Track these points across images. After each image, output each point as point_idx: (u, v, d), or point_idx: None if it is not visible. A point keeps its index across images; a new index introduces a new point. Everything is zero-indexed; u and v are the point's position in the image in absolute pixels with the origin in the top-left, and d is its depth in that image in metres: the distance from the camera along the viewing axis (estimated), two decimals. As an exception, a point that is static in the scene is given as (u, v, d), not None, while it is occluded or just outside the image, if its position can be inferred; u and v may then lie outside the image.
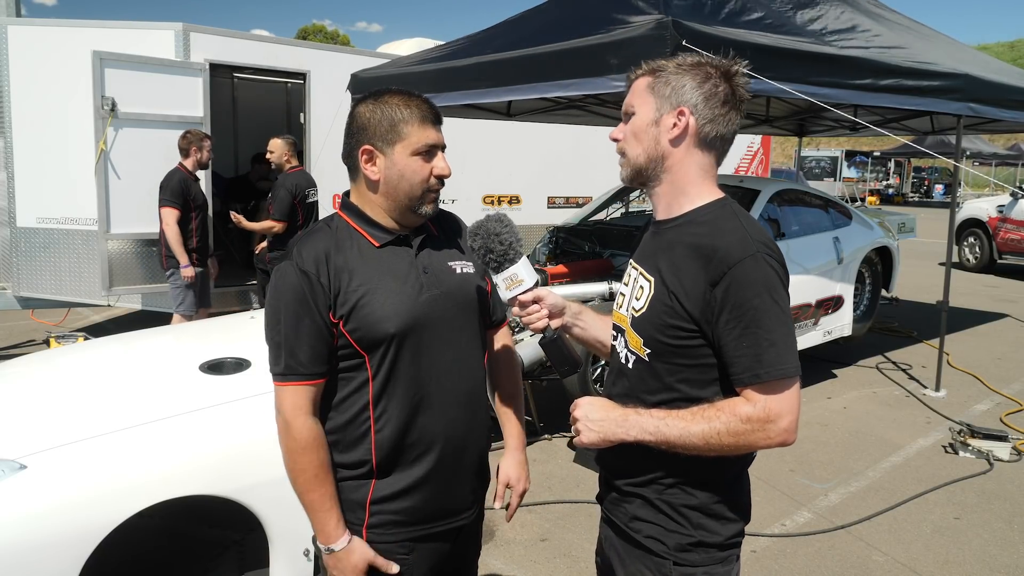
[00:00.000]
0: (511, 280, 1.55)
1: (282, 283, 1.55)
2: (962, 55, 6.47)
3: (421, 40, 9.64)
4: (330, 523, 1.56)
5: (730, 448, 1.37)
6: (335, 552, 1.57)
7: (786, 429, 1.36)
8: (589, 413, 1.47)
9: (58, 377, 2.90)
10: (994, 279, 11.69)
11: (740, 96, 1.47)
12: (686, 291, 1.40)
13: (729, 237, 1.39)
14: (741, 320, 1.35)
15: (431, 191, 1.60)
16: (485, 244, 1.54)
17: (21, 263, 6.45)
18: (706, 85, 1.44)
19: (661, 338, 1.44)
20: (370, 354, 1.56)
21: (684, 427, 1.38)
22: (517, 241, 1.55)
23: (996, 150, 30.28)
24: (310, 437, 1.54)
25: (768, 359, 1.34)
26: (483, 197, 8.51)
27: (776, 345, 1.34)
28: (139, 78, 6.05)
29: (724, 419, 1.36)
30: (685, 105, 1.44)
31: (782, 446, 1.39)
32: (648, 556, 1.50)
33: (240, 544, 2.62)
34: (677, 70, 1.46)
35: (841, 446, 4.79)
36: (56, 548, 2.01)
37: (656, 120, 1.46)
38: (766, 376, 1.35)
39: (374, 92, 1.62)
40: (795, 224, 6.06)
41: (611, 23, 4.37)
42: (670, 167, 1.48)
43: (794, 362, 1.37)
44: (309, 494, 1.55)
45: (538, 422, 4.87)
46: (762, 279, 1.36)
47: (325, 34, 51.12)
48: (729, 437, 1.36)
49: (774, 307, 1.35)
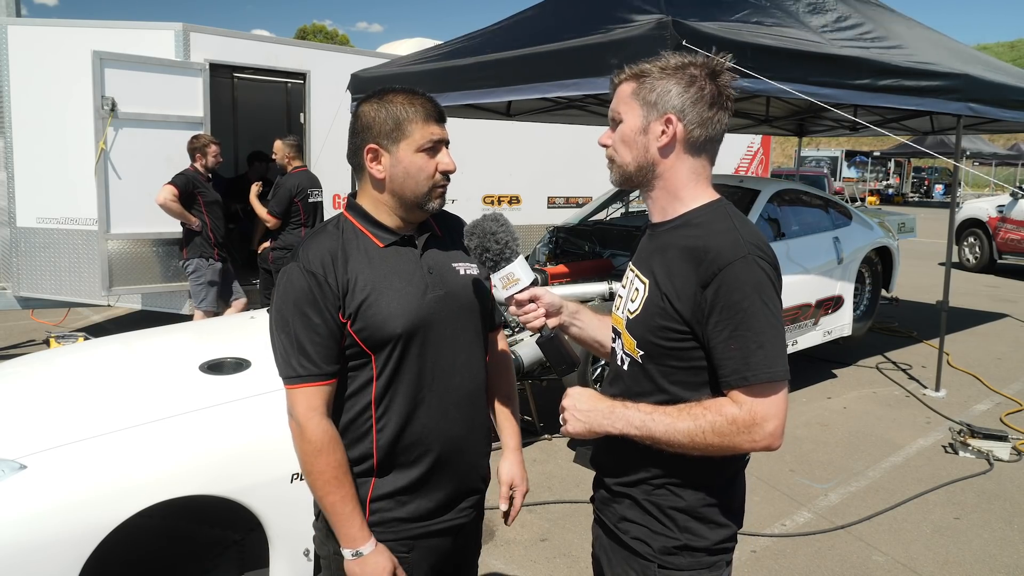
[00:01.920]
0: (507, 279, 1.55)
1: (289, 285, 1.54)
2: (962, 55, 6.47)
3: (421, 40, 9.64)
4: (354, 525, 1.54)
5: (715, 448, 1.36)
6: (363, 556, 1.54)
7: (771, 433, 1.34)
8: (577, 403, 1.47)
9: (58, 377, 2.90)
10: (994, 279, 11.68)
11: (727, 95, 1.45)
12: (677, 292, 1.39)
13: (721, 238, 1.38)
14: (730, 322, 1.34)
15: (437, 187, 1.61)
16: (481, 243, 1.54)
17: (21, 263, 6.45)
18: (692, 89, 1.42)
19: (653, 340, 1.44)
20: (376, 354, 1.56)
21: (670, 423, 1.37)
22: (513, 240, 1.54)
23: (996, 150, 30.26)
24: (325, 438, 1.53)
25: (755, 362, 1.33)
26: (483, 197, 8.51)
27: (764, 348, 1.33)
28: (139, 78, 6.05)
29: (710, 418, 1.35)
30: (672, 112, 1.42)
31: (767, 450, 1.37)
32: (633, 558, 1.50)
33: (240, 544, 2.62)
34: (662, 75, 1.43)
35: (841, 446, 4.79)
36: (56, 548, 2.01)
37: (644, 128, 1.45)
38: (753, 379, 1.33)
39: (378, 91, 1.62)
40: (795, 224, 6.06)
41: (611, 22, 4.37)
42: (661, 173, 1.47)
43: (782, 366, 1.35)
44: (329, 496, 1.53)
45: (538, 422, 4.87)
46: (752, 281, 1.35)
47: (325, 34, 51.09)
48: (714, 436, 1.34)
49: (763, 310, 1.34)
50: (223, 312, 5.91)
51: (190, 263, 5.73)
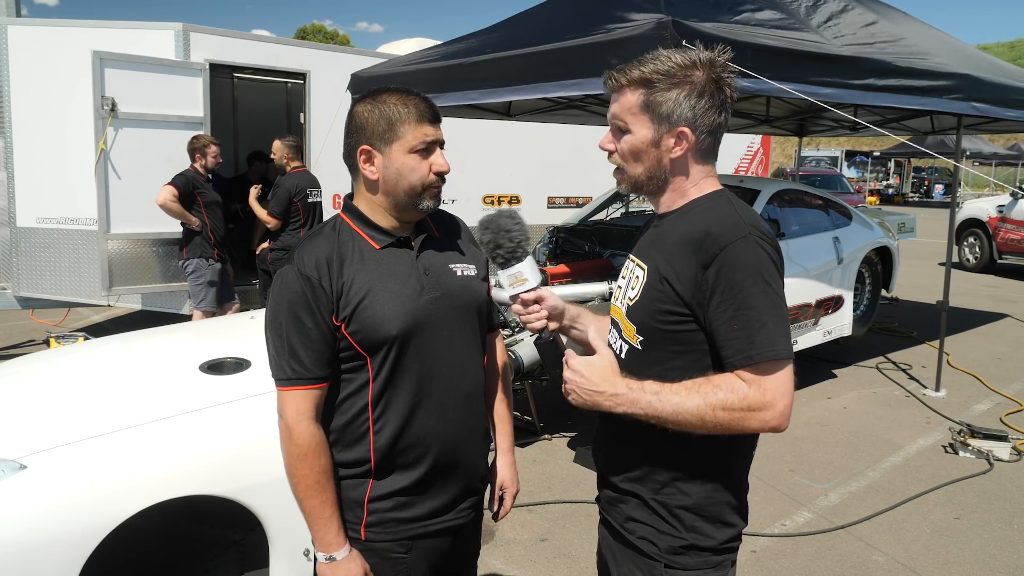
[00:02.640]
0: (515, 278, 1.54)
1: (284, 288, 1.55)
2: (963, 54, 6.46)
3: (421, 40, 9.64)
4: (331, 531, 1.55)
5: (724, 427, 1.33)
6: (337, 561, 1.56)
7: (781, 413, 1.32)
8: (581, 376, 1.43)
9: (58, 377, 2.89)
10: (994, 279, 11.68)
11: (731, 97, 1.46)
12: (678, 275, 1.39)
13: (721, 221, 1.38)
14: (732, 301, 1.33)
15: (431, 187, 1.60)
16: (495, 239, 1.53)
17: (21, 263, 6.45)
18: (702, 100, 1.42)
19: (654, 324, 1.43)
20: (372, 356, 1.56)
21: (679, 402, 1.34)
22: (526, 239, 1.54)
23: (996, 150, 30.26)
24: (312, 443, 1.53)
25: (760, 340, 1.31)
26: (483, 197, 8.51)
27: (767, 326, 1.32)
28: (139, 78, 6.05)
29: (721, 396, 1.32)
30: (685, 125, 1.42)
31: (775, 431, 1.35)
32: (640, 557, 1.49)
33: (240, 544, 2.62)
34: (668, 84, 1.42)
35: (841, 446, 4.79)
36: (56, 548, 2.01)
37: (655, 141, 1.45)
38: (759, 357, 1.31)
39: (372, 91, 1.62)
40: (795, 224, 6.06)
41: (611, 22, 4.37)
42: (672, 180, 1.48)
43: (786, 344, 1.33)
44: (309, 500, 1.54)
45: (538, 422, 4.87)
46: (754, 261, 1.34)
47: (325, 34, 51.08)
48: (725, 414, 1.31)
49: (766, 289, 1.33)
50: (220, 314, 5.89)
51: (190, 263, 5.73)
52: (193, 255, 5.71)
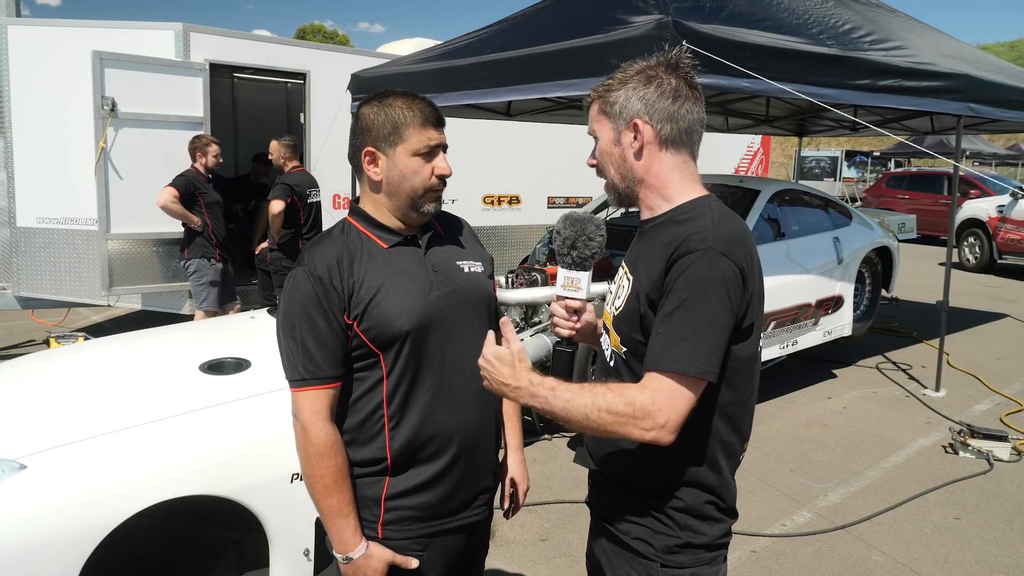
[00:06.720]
0: (572, 282, 1.56)
1: (295, 289, 1.56)
2: (962, 54, 6.46)
3: (421, 40, 9.65)
4: (347, 531, 1.57)
5: (606, 429, 1.34)
6: (353, 560, 1.57)
7: (662, 426, 1.31)
8: (494, 368, 1.44)
9: (58, 377, 2.90)
10: (994, 279, 11.68)
11: (692, 84, 1.46)
12: (653, 284, 1.41)
13: (693, 234, 1.39)
14: (669, 307, 1.35)
15: (433, 190, 1.63)
16: (574, 239, 1.52)
17: (21, 263, 6.45)
18: (650, 89, 1.44)
19: (634, 336, 1.45)
20: (384, 352, 1.57)
21: (570, 399, 1.36)
22: (600, 253, 1.55)
23: (996, 150, 30.25)
24: (328, 443, 1.55)
25: (674, 351, 1.32)
26: (483, 197, 8.51)
27: (687, 340, 1.32)
28: (139, 78, 6.05)
29: (610, 398, 1.33)
30: (636, 117, 1.45)
31: (654, 443, 1.33)
32: (636, 558, 1.50)
33: (240, 544, 2.62)
34: (620, 85, 1.46)
35: (841, 446, 4.79)
36: (56, 548, 2.01)
37: (616, 140, 1.48)
38: (665, 367, 1.32)
39: (378, 94, 1.65)
40: (795, 224, 6.05)
41: (611, 23, 4.37)
42: (643, 178, 1.49)
43: (701, 363, 1.31)
44: (327, 500, 1.56)
45: (538, 422, 4.87)
46: (705, 275, 1.34)
47: (325, 34, 51.05)
48: (608, 415, 1.32)
49: (704, 306, 1.33)
50: (221, 314, 5.90)
51: (191, 263, 5.73)
52: (195, 255, 5.71)
